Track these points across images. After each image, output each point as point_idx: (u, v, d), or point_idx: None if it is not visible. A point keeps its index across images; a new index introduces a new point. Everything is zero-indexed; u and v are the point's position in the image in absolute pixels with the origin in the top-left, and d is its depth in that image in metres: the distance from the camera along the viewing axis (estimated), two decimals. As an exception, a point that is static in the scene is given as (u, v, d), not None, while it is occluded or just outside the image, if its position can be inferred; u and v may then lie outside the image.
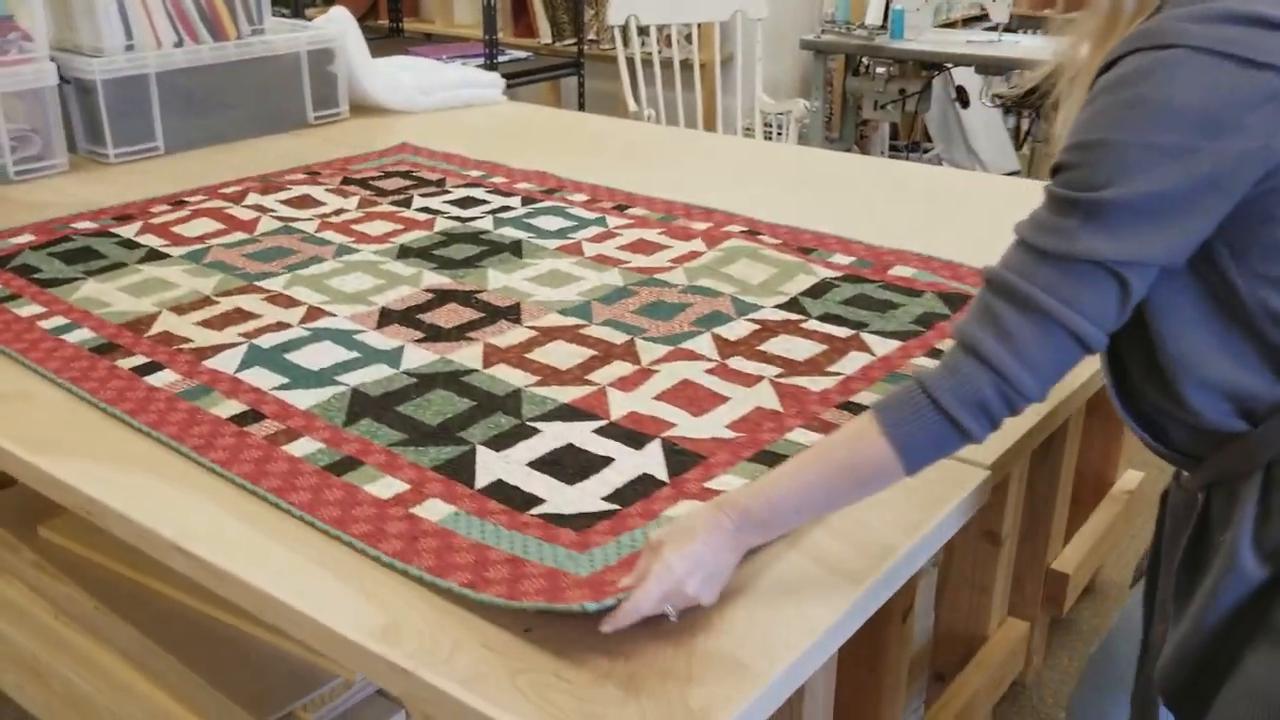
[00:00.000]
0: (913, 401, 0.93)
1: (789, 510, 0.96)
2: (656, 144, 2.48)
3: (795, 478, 0.96)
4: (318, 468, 1.13)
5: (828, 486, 0.96)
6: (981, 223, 1.89)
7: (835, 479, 0.96)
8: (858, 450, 0.95)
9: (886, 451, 0.93)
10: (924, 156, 4.59)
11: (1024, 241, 0.94)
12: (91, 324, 1.45)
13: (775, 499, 0.96)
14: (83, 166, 2.21)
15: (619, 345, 1.41)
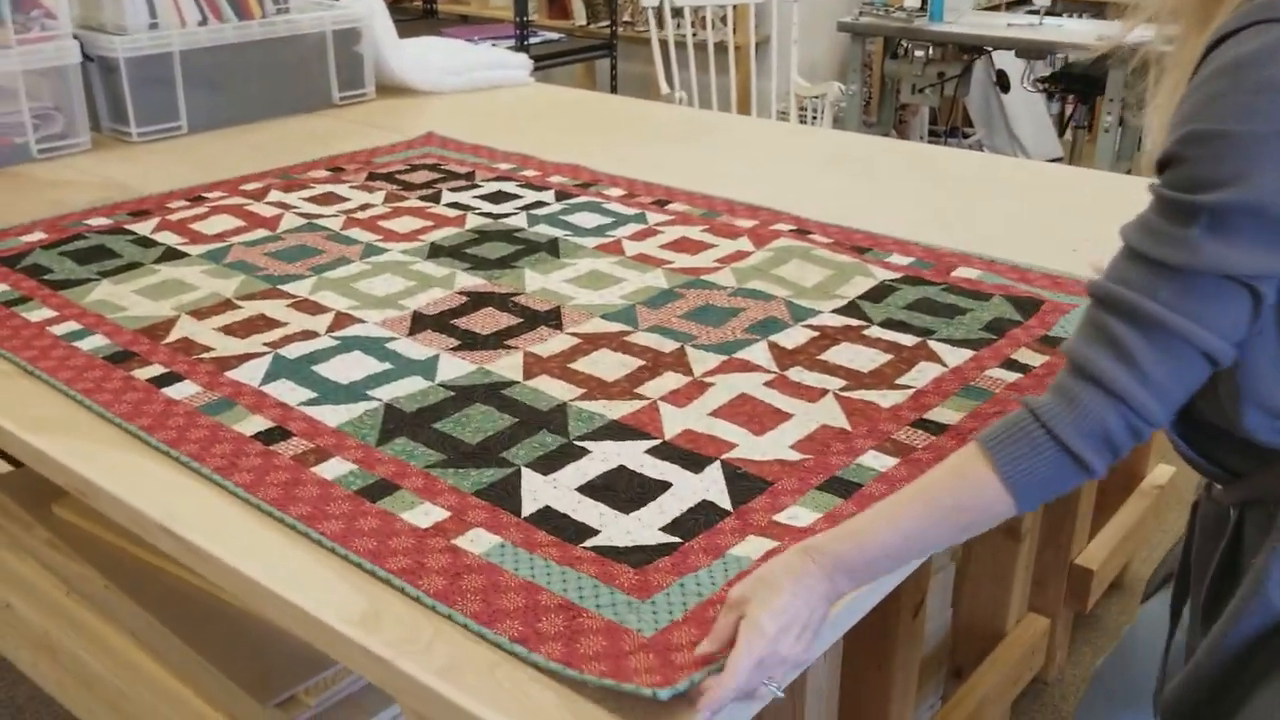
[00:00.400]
0: (1028, 436, 0.84)
1: (883, 556, 0.87)
2: (689, 128, 2.38)
3: (891, 520, 0.87)
4: (350, 492, 1.04)
5: (928, 530, 0.86)
6: (1030, 214, 1.80)
7: (937, 523, 0.86)
8: (963, 491, 0.86)
9: (997, 491, 0.84)
10: (964, 142, 4.47)
11: (1136, 251, 0.84)
12: (106, 330, 1.36)
13: (868, 544, 0.86)
14: (106, 145, 2.15)
15: (668, 354, 1.31)
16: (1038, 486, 0.84)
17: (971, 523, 0.87)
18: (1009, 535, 1.58)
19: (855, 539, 0.86)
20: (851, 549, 0.86)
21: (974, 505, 0.85)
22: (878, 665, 1.37)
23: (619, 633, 0.86)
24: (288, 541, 0.98)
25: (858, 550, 0.86)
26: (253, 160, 2.06)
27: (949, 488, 0.87)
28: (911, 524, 0.86)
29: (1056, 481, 0.84)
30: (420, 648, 0.85)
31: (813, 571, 0.84)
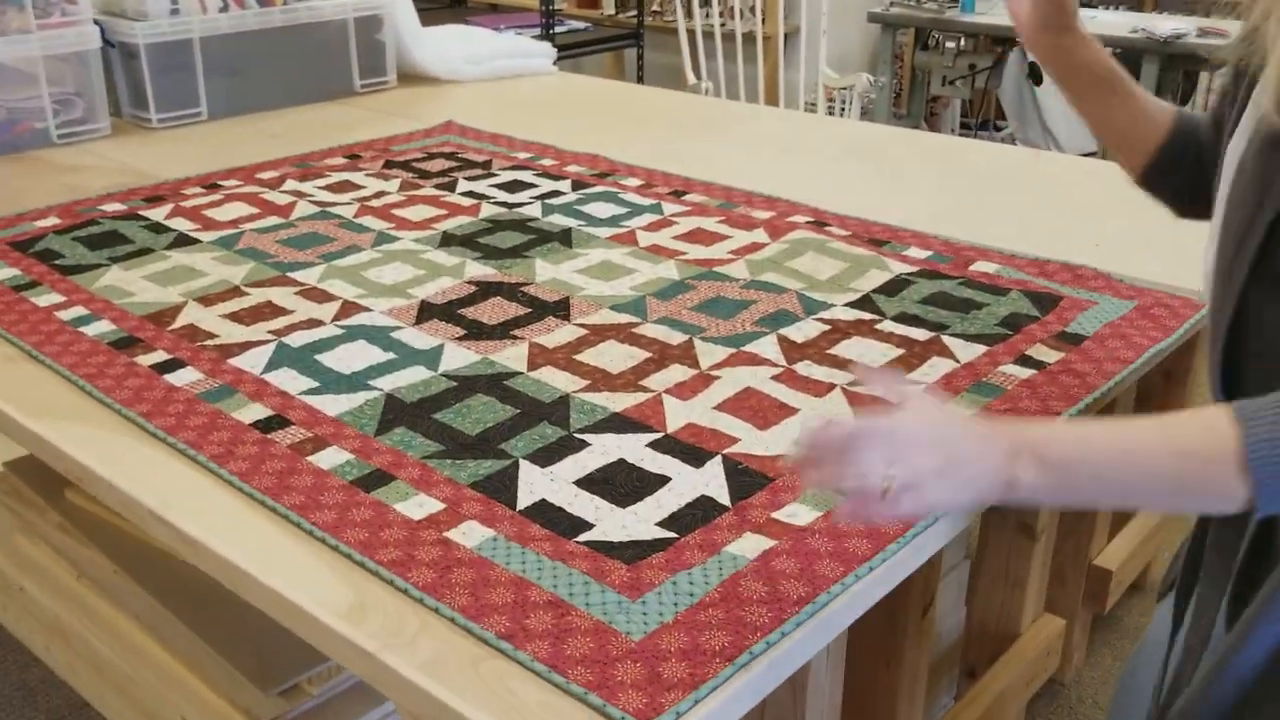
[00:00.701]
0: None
1: (1081, 462, 0.76)
2: (711, 119, 2.35)
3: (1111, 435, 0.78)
4: (345, 481, 1.03)
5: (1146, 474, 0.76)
6: (1054, 207, 1.76)
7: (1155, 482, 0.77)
8: (1197, 468, 0.75)
9: (1235, 488, 0.73)
10: (996, 135, 4.41)
11: None
12: (113, 315, 1.36)
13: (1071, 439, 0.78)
14: (126, 131, 2.16)
15: (676, 346, 1.29)
16: None
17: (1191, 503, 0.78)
18: (1024, 533, 1.55)
19: (1059, 429, 0.80)
20: (1049, 435, 0.78)
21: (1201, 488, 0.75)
22: (886, 664, 1.35)
23: (607, 634, 0.84)
24: (279, 531, 0.97)
25: (1061, 442, 0.77)
26: (271, 148, 2.06)
27: (1184, 460, 0.75)
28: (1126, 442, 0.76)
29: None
30: (405, 641, 0.84)
31: (999, 433, 0.78)
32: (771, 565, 0.91)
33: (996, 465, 0.78)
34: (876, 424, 0.80)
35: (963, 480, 0.78)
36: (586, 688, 0.79)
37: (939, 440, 0.79)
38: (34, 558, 1.71)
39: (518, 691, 0.79)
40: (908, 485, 0.78)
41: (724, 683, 0.80)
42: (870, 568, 0.92)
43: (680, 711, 0.77)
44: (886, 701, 1.36)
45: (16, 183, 1.86)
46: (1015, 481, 0.78)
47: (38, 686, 1.71)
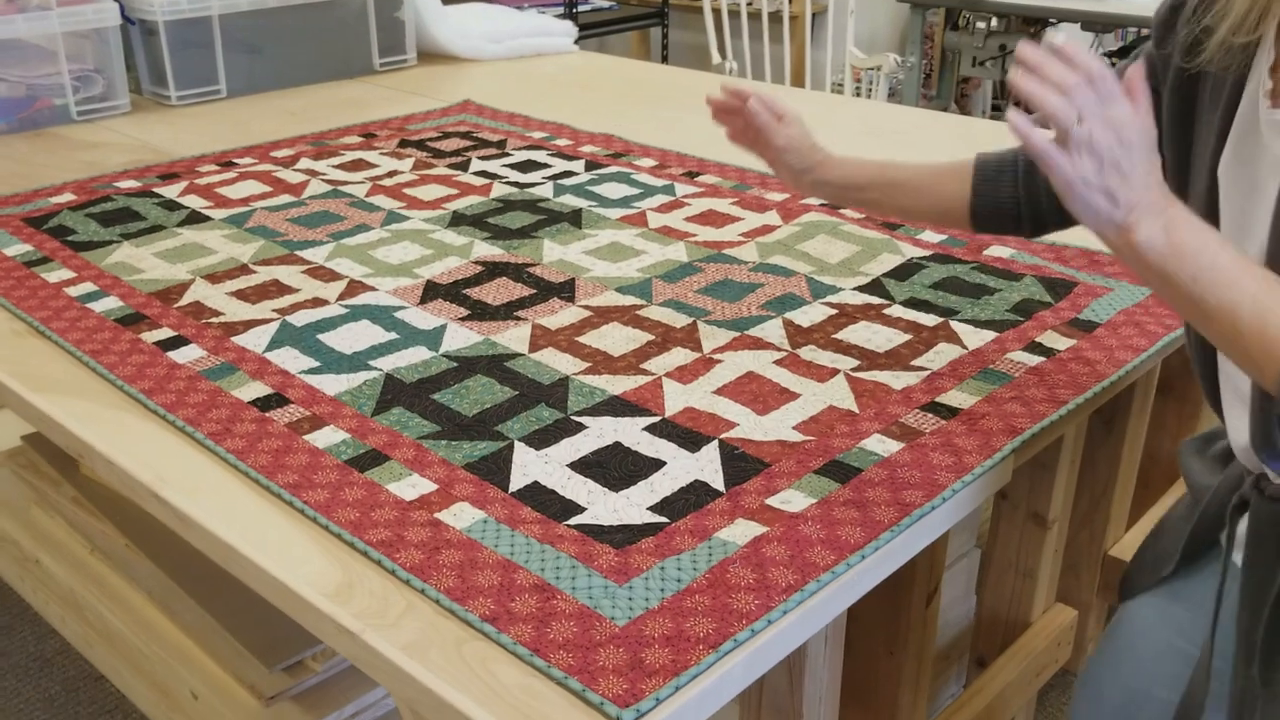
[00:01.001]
0: None
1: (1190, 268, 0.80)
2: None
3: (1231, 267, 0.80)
4: (340, 461, 1.03)
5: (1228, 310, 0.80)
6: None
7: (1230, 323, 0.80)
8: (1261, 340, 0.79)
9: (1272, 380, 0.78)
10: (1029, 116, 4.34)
11: None
12: (121, 292, 1.37)
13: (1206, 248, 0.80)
14: (145, 108, 2.17)
15: (679, 329, 1.28)
16: None
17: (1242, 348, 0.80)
18: (1036, 523, 1.53)
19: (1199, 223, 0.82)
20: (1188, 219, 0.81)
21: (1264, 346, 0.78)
22: (889, 651, 1.34)
23: (591, 619, 0.83)
24: (272, 509, 0.97)
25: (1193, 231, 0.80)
26: (288, 125, 2.06)
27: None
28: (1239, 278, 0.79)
29: None
30: (389, 622, 0.84)
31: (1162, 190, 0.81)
32: (762, 552, 0.90)
33: (1140, 205, 0.81)
34: (1112, 83, 0.80)
35: (1110, 187, 0.80)
36: (567, 672, 0.78)
37: (1132, 146, 0.80)
38: (49, 531, 1.73)
39: (499, 674, 0.79)
40: (1081, 144, 0.79)
41: (706, 670, 0.80)
42: (862, 556, 0.91)
43: (660, 698, 0.77)
44: (889, 689, 1.35)
45: (36, 159, 1.87)
46: (1135, 231, 0.81)
47: (53, 657, 1.74)
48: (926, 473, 1.01)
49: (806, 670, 1.14)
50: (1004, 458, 1.04)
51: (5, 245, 1.50)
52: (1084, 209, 0.83)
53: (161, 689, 1.56)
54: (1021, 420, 1.09)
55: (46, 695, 1.66)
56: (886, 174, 1.19)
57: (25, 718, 1.62)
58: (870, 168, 1.20)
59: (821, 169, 1.20)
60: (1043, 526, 1.54)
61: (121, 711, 1.63)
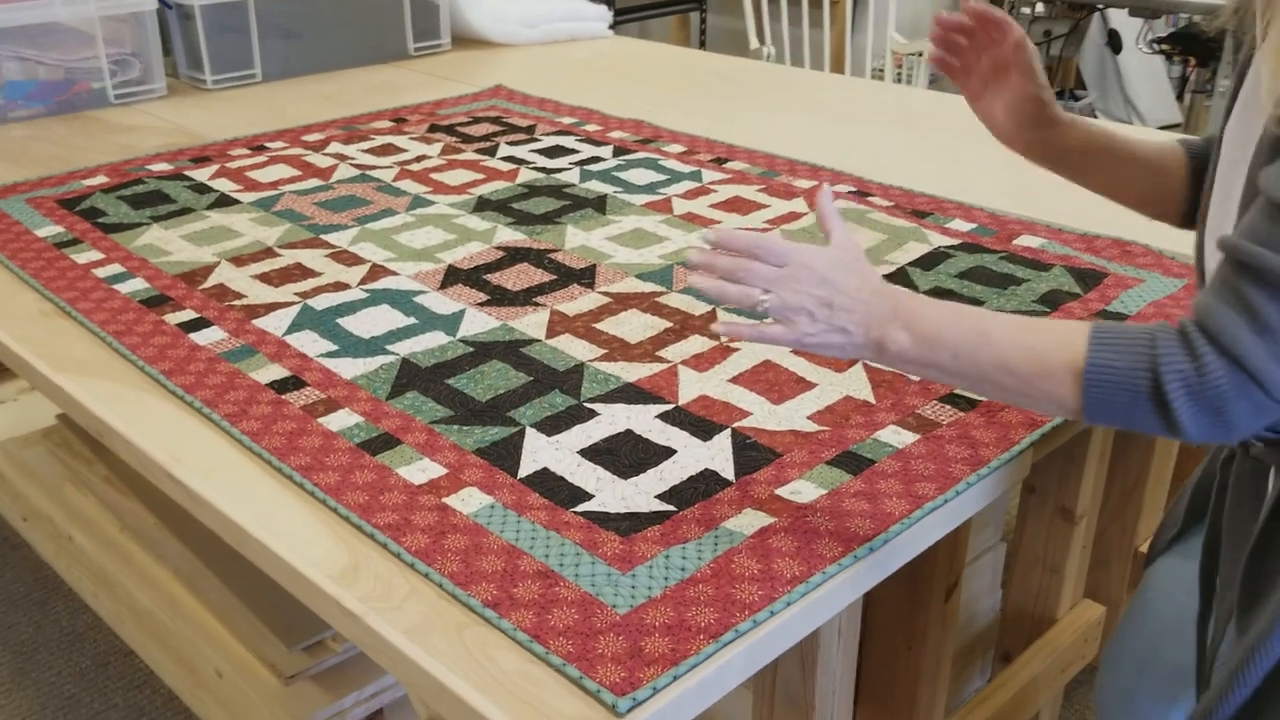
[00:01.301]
0: (1132, 369, 0.77)
1: (942, 341, 0.82)
2: (764, 84, 2.31)
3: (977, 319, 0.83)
4: (352, 444, 1.03)
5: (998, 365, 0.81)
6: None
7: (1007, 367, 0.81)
8: (1045, 368, 0.80)
9: (1070, 395, 0.79)
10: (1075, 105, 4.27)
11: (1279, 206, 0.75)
12: (147, 274, 1.38)
13: (945, 319, 0.82)
14: (181, 92, 2.20)
15: (698, 317, 1.27)
16: (1111, 416, 0.79)
17: (1034, 401, 0.82)
18: (1063, 517, 1.51)
19: (936, 304, 0.84)
20: (924, 308, 0.83)
21: (1042, 390, 0.80)
22: (907, 646, 1.32)
23: (593, 606, 0.83)
24: (284, 491, 0.98)
25: (933, 317, 0.82)
26: (321, 110, 2.07)
27: (1036, 356, 0.80)
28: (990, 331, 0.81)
29: (1135, 424, 0.78)
30: (392, 605, 0.84)
31: (885, 293, 0.82)
32: (768, 543, 0.89)
33: (872, 323, 0.83)
34: (775, 243, 0.84)
35: (834, 326, 0.83)
36: (566, 659, 0.78)
37: (827, 280, 0.82)
38: (81, 508, 1.76)
39: (499, 660, 0.79)
40: (779, 312, 0.82)
41: (706, 660, 0.79)
42: (870, 548, 0.90)
43: (658, 687, 0.76)
44: (907, 684, 1.34)
45: (73, 141, 1.89)
46: (884, 344, 0.83)
47: (86, 632, 1.77)
48: (941, 465, 0.99)
49: (819, 662, 1.13)
50: (1022, 451, 1.03)
51: (38, 226, 1.52)
52: (834, 354, 0.85)
53: (188, 666, 1.58)
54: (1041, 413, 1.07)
55: (78, 669, 1.69)
56: (1113, 148, 1.09)
57: (57, 691, 1.65)
58: (1099, 136, 1.09)
59: (1058, 130, 1.09)
60: (1070, 521, 1.52)
61: (150, 687, 1.66)
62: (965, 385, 0.87)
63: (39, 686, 1.65)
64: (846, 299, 0.82)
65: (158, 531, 1.63)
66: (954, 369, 0.83)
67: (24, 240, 1.47)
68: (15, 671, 1.68)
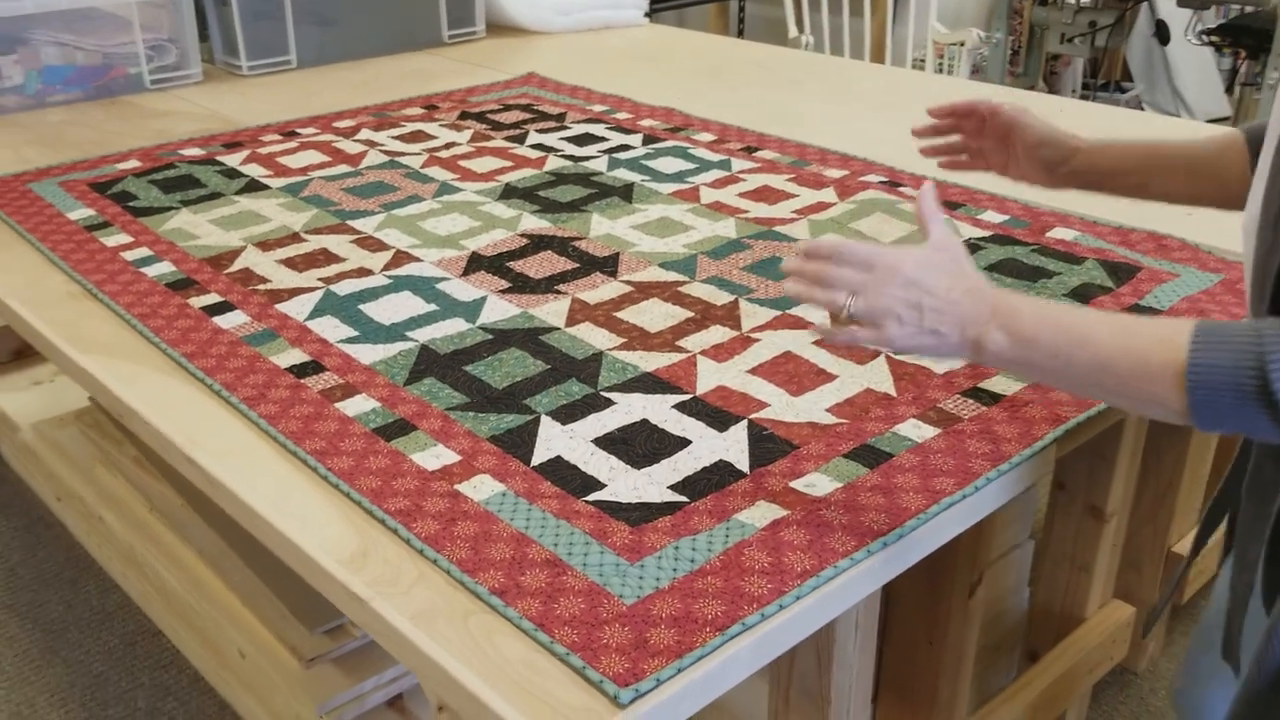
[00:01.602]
0: (1236, 368, 0.73)
1: (1045, 349, 0.79)
2: (799, 73, 2.29)
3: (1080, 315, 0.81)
4: (367, 429, 1.03)
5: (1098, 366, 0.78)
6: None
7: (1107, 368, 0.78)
8: (1146, 369, 0.76)
9: (1174, 402, 0.75)
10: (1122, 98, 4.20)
11: None
12: (174, 257, 1.39)
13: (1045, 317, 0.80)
14: (217, 77, 2.21)
15: (720, 307, 1.26)
16: (1221, 422, 0.75)
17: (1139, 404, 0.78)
18: (1093, 515, 1.48)
19: (1033, 302, 0.81)
20: (1022, 307, 0.80)
21: (1147, 396, 0.76)
22: (929, 642, 1.31)
23: (599, 596, 0.82)
24: (298, 475, 0.98)
25: (1031, 317, 0.80)
26: (354, 96, 2.08)
27: (1143, 337, 0.77)
28: (1090, 330, 0.78)
29: (1242, 423, 0.75)
30: (400, 590, 0.84)
31: (981, 294, 0.80)
32: (779, 536, 0.88)
33: (966, 324, 0.81)
34: (859, 248, 0.83)
35: (925, 328, 0.81)
36: (570, 648, 0.78)
37: (914, 283, 0.81)
38: (112, 489, 1.78)
39: (503, 648, 0.79)
40: (867, 316, 0.82)
41: (711, 653, 0.78)
42: (884, 543, 0.88)
43: (662, 678, 0.76)
44: (927, 679, 1.32)
45: (108, 126, 1.91)
46: (982, 345, 0.81)
47: (115, 611, 1.79)
48: (961, 460, 0.98)
49: (835, 656, 1.12)
50: (1045, 447, 1.01)
51: (71, 210, 1.54)
52: (932, 355, 0.84)
53: (212, 646, 1.60)
54: (1067, 409, 1.05)
55: (106, 648, 1.71)
56: (1157, 157, 1.09)
57: (85, 670, 1.67)
58: (1138, 150, 1.10)
59: (1084, 156, 1.11)
60: (1100, 520, 1.49)
61: (176, 666, 1.67)
62: (1065, 386, 0.86)
63: (68, 664, 1.68)
64: (936, 300, 0.81)
65: (185, 513, 1.65)
66: (1052, 369, 0.81)
67: (55, 223, 1.49)
68: (45, 649, 1.70)
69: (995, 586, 1.53)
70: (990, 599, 1.51)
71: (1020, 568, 1.65)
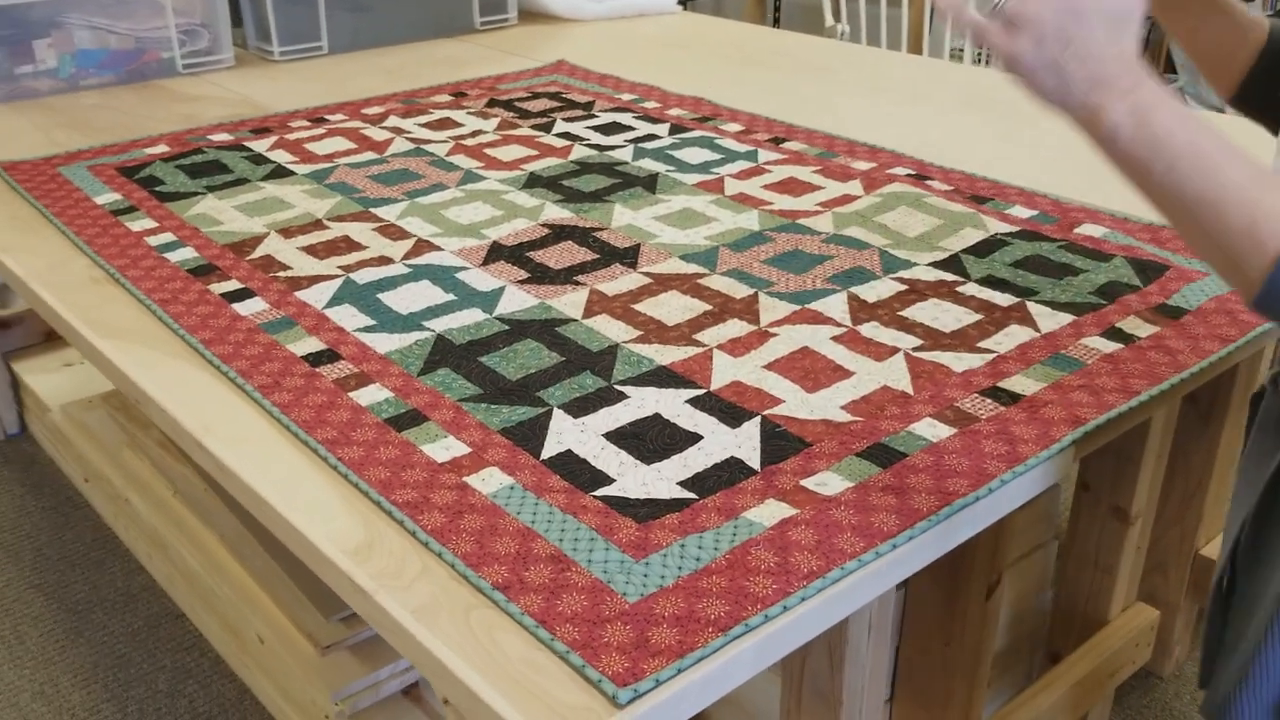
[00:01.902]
0: None
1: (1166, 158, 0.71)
2: (834, 64, 2.26)
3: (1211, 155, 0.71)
4: (379, 420, 1.03)
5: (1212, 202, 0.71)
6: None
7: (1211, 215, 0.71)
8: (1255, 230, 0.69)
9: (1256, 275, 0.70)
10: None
11: None
12: (197, 243, 1.40)
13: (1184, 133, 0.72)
14: (249, 63, 2.22)
15: (739, 300, 1.25)
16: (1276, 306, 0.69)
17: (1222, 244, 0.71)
18: (1117, 517, 1.46)
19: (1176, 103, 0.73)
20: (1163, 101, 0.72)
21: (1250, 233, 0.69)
22: (945, 643, 1.29)
23: (603, 593, 0.82)
24: (308, 464, 0.98)
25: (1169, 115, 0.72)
26: (383, 83, 2.08)
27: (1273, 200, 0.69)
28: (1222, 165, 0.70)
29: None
30: (404, 584, 0.84)
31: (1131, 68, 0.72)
32: (787, 535, 0.87)
33: (1098, 85, 0.73)
34: None
35: (1056, 63, 0.73)
36: (570, 646, 0.77)
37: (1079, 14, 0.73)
38: (138, 471, 1.80)
39: (502, 644, 0.78)
40: (1013, 14, 0.74)
41: (713, 654, 0.77)
42: (894, 545, 0.87)
43: (661, 679, 0.75)
44: (944, 680, 1.30)
45: (139, 110, 1.93)
46: (1099, 116, 0.73)
47: (139, 593, 1.81)
48: (976, 461, 0.96)
49: (848, 656, 1.11)
50: (1062, 449, 0.99)
51: (98, 194, 1.55)
52: (1033, 91, 0.75)
53: (233, 630, 1.61)
54: (1087, 411, 1.03)
55: (130, 629, 1.73)
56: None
57: (109, 651, 1.69)
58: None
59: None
60: (1125, 521, 1.47)
61: (198, 650, 1.69)
62: (1163, 204, 0.76)
63: (92, 645, 1.70)
64: (1093, 43, 0.73)
65: (207, 498, 1.66)
66: (1162, 183, 0.73)
67: (82, 207, 1.50)
68: (70, 629, 1.73)
69: (1017, 586, 1.51)
70: (1012, 599, 1.50)
71: (1043, 568, 1.63)
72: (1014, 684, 1.61)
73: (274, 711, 1.57)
